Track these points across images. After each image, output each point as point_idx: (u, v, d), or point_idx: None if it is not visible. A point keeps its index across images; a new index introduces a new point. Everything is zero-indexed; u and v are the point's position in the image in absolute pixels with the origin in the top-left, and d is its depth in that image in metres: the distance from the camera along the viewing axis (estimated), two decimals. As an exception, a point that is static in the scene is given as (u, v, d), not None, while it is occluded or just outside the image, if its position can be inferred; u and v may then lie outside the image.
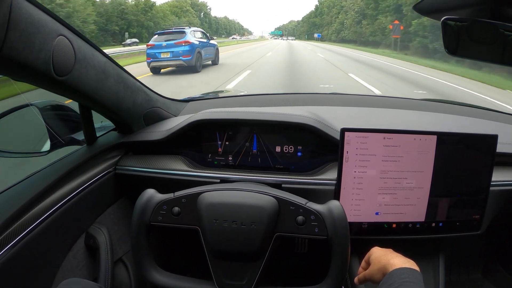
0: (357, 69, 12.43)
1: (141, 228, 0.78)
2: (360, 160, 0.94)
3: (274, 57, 17.64)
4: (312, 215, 0.76)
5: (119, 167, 1.10)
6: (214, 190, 0.80)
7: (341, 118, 1.20)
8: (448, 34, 0.66)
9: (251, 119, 1.08)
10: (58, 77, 0.72)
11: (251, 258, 0.78)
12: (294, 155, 1.08)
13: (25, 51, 0.62)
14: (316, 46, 38.03)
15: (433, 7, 0.72)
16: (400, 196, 0.96)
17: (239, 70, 10.92)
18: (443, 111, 1.39)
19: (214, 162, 1.11)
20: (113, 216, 1.10)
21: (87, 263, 0.98)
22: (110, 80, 0.91)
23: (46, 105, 1.03)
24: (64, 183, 0.91)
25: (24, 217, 0.78)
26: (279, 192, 0.81)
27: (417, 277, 0.66)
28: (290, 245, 1.33)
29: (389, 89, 8.35)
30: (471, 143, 0.95)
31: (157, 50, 10.26)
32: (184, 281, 0.80)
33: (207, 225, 0.77)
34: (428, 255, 1.08)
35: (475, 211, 0.99)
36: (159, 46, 10.32)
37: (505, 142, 1.01)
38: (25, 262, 0.78)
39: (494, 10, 0.62)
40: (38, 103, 1.00)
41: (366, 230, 0.99)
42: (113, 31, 39.45)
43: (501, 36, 0.62)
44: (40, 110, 1.00)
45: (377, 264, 0.74)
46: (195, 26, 18.89)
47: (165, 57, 10.17)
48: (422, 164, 0.95)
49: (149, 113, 1.16)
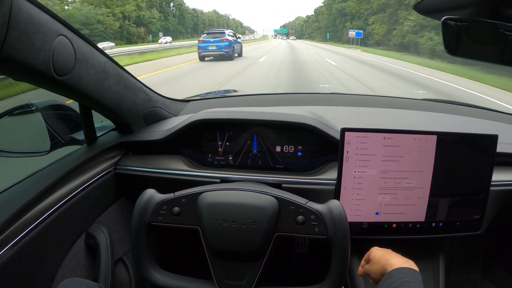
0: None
1: (141, 228, 0.78)
2: (360, 160, 0.94)
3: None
4: (312, 214, 0.76)
5: (119, 167, 1.10)
6: (214, 190, 0.80)
7: (341, 118, 1.20)
8: (448, 34, 0.66)
9: (251, 119, 1.08)
10: (58, 77, 0.72)
11: (251, 258, 0.78)
12: (294, 155, 1.08)
13: (25, 51, 0.62)
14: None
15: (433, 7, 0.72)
16: (400, 196, 0.96)
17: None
18: (443, 111, 1.39)
19: (214, 162, 1.11)
20: (113, 216, 1.10)
21: (87, 263, 0.98)
22: (110, 80, 0.91)
23: (46, 105, 1.03)
24: (64, 183, 0.91)
25: (24, 217, 0.78)
26: (279, 191, 0.81)
27: (416, 277, 0.66)
28: (290, 245, 1.33)
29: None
30: (471, 143, 0.95)
31: (206, 44, 15.33)
32: (184, 281, 0.80)
33: (207, 225, 0.77)
34: (428, 255, 1.08)
35: (475, 211, 0.99)
36: (208, 41, 15.32)
37: (505, 142, 1.01)
38: (25, 262, 0.78)
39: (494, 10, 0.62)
40: (38, 103, 1.00)
41: (366, 230, 0.99)
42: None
43: (501, 36, 0.62)
44: (40, 110, 1.00)
45: (376, 264, 0.75)
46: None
47: (212, 49, 15.26)
48: (422, 164, 0.95)
49: (149, 113, 1.16)
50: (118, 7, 45.63)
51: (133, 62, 14.82)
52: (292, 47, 33.17)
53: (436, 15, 0.69)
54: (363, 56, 22.41)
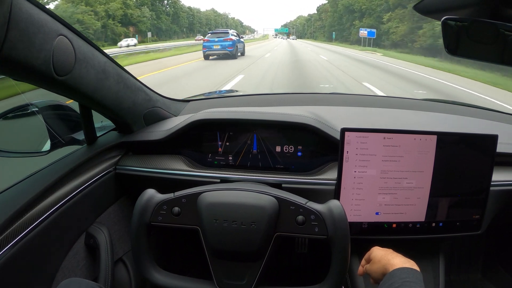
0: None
1: (141, 228, 0.78)
2: (360, 160, 0.94)
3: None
4: (312, 214, 0.76)
5: (119, 167, 1.10)
6: (214, 190, 0.80)
7: (341, 118, 1.20)
8: (448, 34, 0.66)
9: (251, 119, 1.08)
10: (58, 77, 0.72)
11: (251, 258, 0.78)
12: (294, 155, 1.08)
13: (25, 51, 0.62)
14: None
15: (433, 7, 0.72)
16: (400, 196, 0.96)
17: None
18: (443, 111, 1.39)
19: (214, 162, 1.11)
20: (113, 216, 1.10)
21: (87, 263, 0.98)
22: (110, 80, 0.91)
23: (46, 105, 1.03)
24: (64, 183, 0.91)
25: (24, 217, 0.78)
26: (279, 192, 0.81)
27: (417, 277, 0.66)
28: (290, 245, 1.33)
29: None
30: (471, 143, 0.95)
31: (211, 43, 16.20)
32: (184, 281, 0.80)
33: (207, 225, 0.77)
34: (428, 255, 1.08)
35: (475, 211, 0.99)
36: (212, 41, 16.16)
37: (505, 142, 1.01)
38: (25, 262, 0.78)
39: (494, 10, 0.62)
40: (38, 103, 1.01)
41: (366, 230, 0.99)
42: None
43: (501, 36, 0.62)
44: (40, 110, 1.00)
45: (377, 263, 0.75)
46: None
47: (217, 48, 16.07)
48: (422, 164, 0.95)
49: (149, 113, 1.16)
50: (102, 5, 41.99)
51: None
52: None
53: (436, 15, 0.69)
54: (386, 62, 16.69)
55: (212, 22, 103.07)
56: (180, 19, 71.84)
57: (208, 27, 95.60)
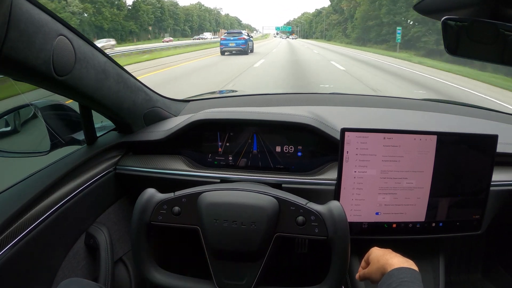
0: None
1: (141, 228, 0.78)
2: (360, 160, 0.94)
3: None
4: (312, 215, 0.76)
5: (119, 167, 1.10)
6: (214, 190, 0.80)
7: (341, 118, 1.20)
8: (448, 34, 0.66)
9: (251, 119, 1.08)
10: (58, 77, 0.72)
11: (251, 258, 0.78)
12: (294, 155, 1.08)
13: (25, 51, 0.62)
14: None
15: (433, 7, 0.72)
16: (400, 196, 0.96)
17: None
18: (443, 111, 1.39)
19: (214, 162, 1.11)
20: (113, 216, 1.10)
21: (87, 263, 0.98)
22: (110, 80, 0.91)
23: (46, 105, 1.03)
24: (64, 183, 0.91)
25: (24, 217, 0.78)
26: (279, 192, 0.81)
27: (416, 277, 0.66)
28: (290, 245, 1.33)
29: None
30: (471, 143, 0.95)
31: (227, 41, 19.35)
32: (184, 281, 0.80)
33: (207, 224, 0.77)
34: (428, 255, 1.08)
35: (475, 211, 0.99)
36: (228, 39, 19.44)
37: (505, 142, 1.01)
38: (25, 262, 0.78)
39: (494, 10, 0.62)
40: (38, 103, 1.01)
41: (366, 230, 0.99)
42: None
43: (501, 36, 0.62)
44: (40, 110, 1.00)
45: (376, 264, 0.74)
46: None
47: (232, 45, 19.20)
48: (422, 164, 0.95)
49: (149, 113, 1.16)
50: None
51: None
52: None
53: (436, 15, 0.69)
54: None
55: (194, 19, 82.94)
56: (140, 14, 53.41)
57: (189, 25, 77.30)
